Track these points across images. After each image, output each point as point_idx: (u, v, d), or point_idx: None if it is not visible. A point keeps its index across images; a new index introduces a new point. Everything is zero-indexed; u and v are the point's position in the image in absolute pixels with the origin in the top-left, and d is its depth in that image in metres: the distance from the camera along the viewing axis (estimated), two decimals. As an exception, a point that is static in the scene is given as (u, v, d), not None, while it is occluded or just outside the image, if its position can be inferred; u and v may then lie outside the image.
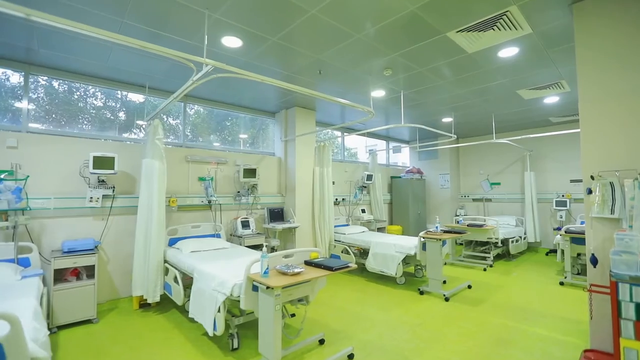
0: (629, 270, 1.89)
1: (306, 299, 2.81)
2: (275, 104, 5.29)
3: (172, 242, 4.04)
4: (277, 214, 5.22)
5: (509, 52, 3.39)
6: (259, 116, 5.73)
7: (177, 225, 4.24)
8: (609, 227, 2.30)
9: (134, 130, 4.34)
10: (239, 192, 4.94)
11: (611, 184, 2.25)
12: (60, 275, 3.19)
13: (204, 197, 4.47)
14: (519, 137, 5.65)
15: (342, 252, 5.30)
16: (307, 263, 2.67)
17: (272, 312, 2.17)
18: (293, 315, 3.03)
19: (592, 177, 2.35)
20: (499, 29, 2.93)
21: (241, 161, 5.01)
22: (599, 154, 2.37)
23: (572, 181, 6.76)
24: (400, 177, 7.63)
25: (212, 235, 4.40)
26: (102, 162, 3.51)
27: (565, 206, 6.53)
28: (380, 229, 6.67)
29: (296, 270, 2.35)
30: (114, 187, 3.78)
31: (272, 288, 2.14)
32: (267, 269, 2.31)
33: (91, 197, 3.61)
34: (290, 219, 5.24)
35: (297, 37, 3.06)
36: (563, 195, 6.72)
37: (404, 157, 9.17)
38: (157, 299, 3.52)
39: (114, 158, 3.54)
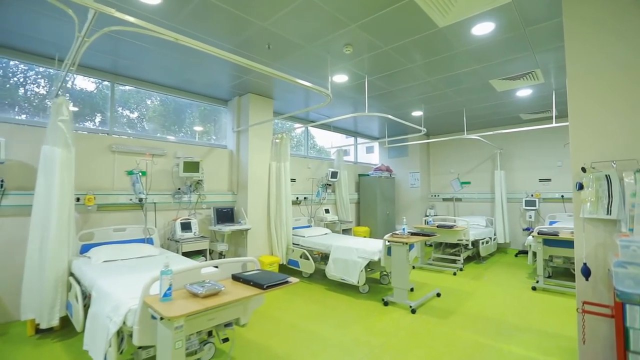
0: (638, 287, 1.44)
1: (236, 322, 2.21)
2: (227, 89, 4.63)
3: (84, 250, 3.28)
4: (226, 215, 4.55)
5: (484, 29, 2.96)
6: (211, 104, 5.04)
7: (94, 229, 3.48)
8: (603, 231, 1.88)
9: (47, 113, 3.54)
10: (179, 189, 4.23)
11: (607, 178, 1.82)
12: None
13: (133, 195, 3.74)
14: (491, 133, 5.34)
15: (300, 257, 4.73)
16: (235, 278, 2.07)
17: (170, 350, 1.55)
18: (226, 339, 2.43)
19: (583, 170, 1.92)
20: (474, -5, 2.47)
21: (182, 153, 4.31)
22: (591, 141, 1.95)
23: (541, 180, 6.59)
24: (368, 175, 7.17)
25: (141, 241, 3.67)
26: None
27: (535, 206, 6.34)
28: (345, 231, 6.16)
29: (213, 289, 1.75)
30: (2, 181, 2.98)
31: (170, 319, 1.52)
32: (170, 289, 1.69)
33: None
34: (241, 219, 4.60)
35: (232, -6, 2.45)
36: (532, 195, 6.53)
37: (377, 158, 8.74)
38: (55, 322, 2.77)
39: (-3, 143, 2.76)
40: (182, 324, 1.57)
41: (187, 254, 3.86)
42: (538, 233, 4.34)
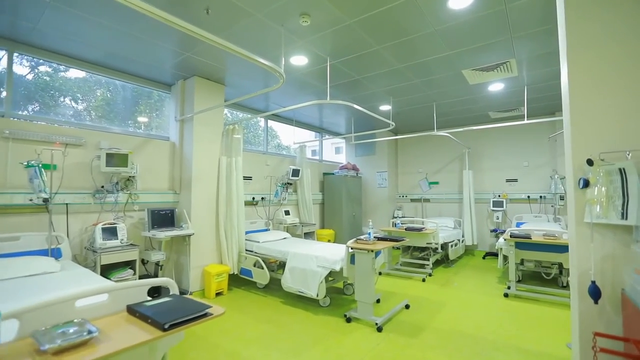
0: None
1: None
2: (169, 71, 3.93)
3: (-46, 266, 2.47)
4: (164, 218, 3.85)
5: (463, 1, 2.55)
6: (153, 88, 4.30)
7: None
8: (612, 240, 1.49)
9: None
10: (102, 187, 3.48)
11: (622, 172, 1.43)
12: None
13: (33, 194, 2.95)
14: (462, 129, 5.05)
15: (254, 265, 4.13)
16: (132, 311, 1.46)
17: None
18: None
19: (589, 162, 1.52)
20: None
21: (108, 143, 3.56)
22: (597, 126, 1.55)
23: (507, 180, 6.46)
24: (333, 173, 6.69)
25: (43, 252, 2.89)
26: None
27: (502, 207, 6.18)
28: (308, 234, 5.63)
29: (75, 340, 1.13)
30: None
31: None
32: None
33: None
34: (184, 223, 3.91)
35: None
36: (499, 196, 6.38)
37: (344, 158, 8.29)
38: None
39: None
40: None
41: (108, 267, 3.15)
42: (510, 236, 4.06)
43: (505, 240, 4.14)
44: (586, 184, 1.52)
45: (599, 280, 1.50)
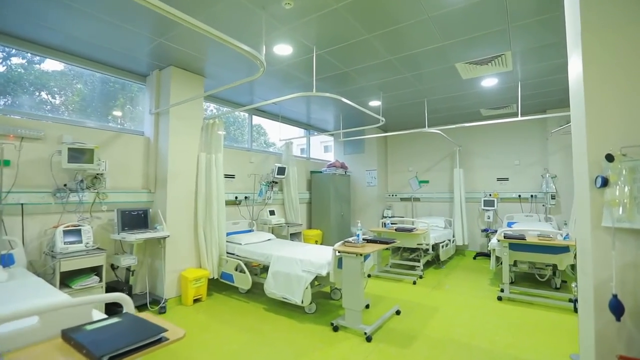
0: None
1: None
2: (144, 59, 3.61)
3: None
4: (136, 219, 3.54)
5: (458, -16, 2.34)
6: (127, 79, 3.98)
7: None
8: (635, 246, 1.30)
9: None
10: (65, 185, 3.15)
11: (648, 169, 1.24)
12: None
13: (-20, 193, 2.61)
14: (453, 126, 4.88)
15: (235, 269, 3.86)
16: (67, 337, 1.19)
17: None
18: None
19: (608, 158, 1.33)
20: None
21: (73, 137, 3.23)
22: (617, 116, 1.36)
23: (499, 179, 6.35)
24: (321, 172, 6.46)
25: (-9, 258, 2.57)
26: None
27: (493, 206, 6.06)
28: (294, 235, 5.38)
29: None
30: None
31: None
32: None
33: None
34: (158, 225, 3.62)
35: None
36: (490, 195, 6.27)
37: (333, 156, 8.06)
38: None
39: None
40: None
41: (70, 274, 2.84)
42: (504, 237, 3.91)
43: (498, 241, 3.98)
44: (605, 182, 1.33)
45: (620, 290, 1.31)
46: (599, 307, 1.37)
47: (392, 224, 5.23)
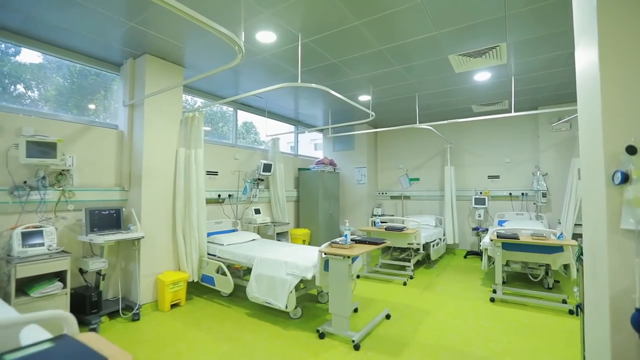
0: None
1: None
2: (117, 47, 3.33)
3: None
4: (107, 219, 3.28)
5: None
6: (100, 68, 3.69)
7: None
8: (659, 251, 1.13)
9: None
10: (25, 182, 2.87)
11: (678, 162, 1.07)
12: None
13: None
14: (445, 122, 4.73)
15: (216, 271, 3.63)
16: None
17: None
18: None
19: (630, 150, 1.16)
20: None
21: (35, 130, 2.94)
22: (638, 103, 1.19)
23: (489, 177, 6.26)
24: (309, 169, 6.25)
25: None
26: None
27: (484, 204, 5.95)
28: (281, 235, 5.17)
29: None
30: None
31: None
32: None
33: None
34: (132, 225, 3.36)
35: None
36: (481, 193, 6.17)
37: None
38: None
39: None
40: None
41: (30, 280, 2.58)
42: (497, 236, 3.78)
43: (491, 240, 3.85)
44: (625, 178, 1.16)
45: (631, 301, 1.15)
46: (616, 321, 1.20)
47: (382, 222, 5.06)
